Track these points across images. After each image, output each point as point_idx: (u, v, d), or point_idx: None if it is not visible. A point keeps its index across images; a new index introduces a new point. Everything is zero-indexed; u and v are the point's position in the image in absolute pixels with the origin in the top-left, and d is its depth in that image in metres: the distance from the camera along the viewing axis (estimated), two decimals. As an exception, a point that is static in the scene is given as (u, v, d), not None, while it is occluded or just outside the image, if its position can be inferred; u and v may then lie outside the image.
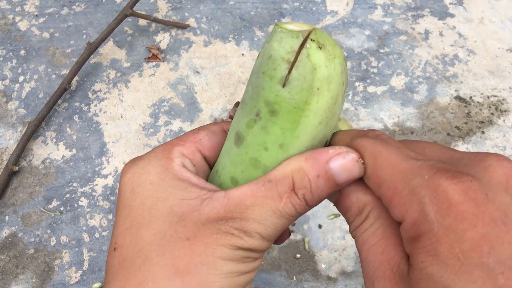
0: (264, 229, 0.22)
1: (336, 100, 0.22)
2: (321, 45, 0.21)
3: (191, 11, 0.69)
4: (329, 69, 0.21)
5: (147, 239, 0.22)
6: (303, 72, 0.21)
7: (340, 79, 0.22)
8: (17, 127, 0.60)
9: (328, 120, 0.22)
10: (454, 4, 0.68)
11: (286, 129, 0.22)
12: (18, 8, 0.71)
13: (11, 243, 0.52)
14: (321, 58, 0.21)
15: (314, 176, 0.22)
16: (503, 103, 0.59)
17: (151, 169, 0.24)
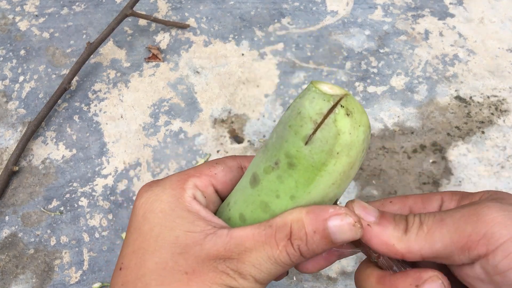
0: (258, 273, 0.23)
1: (353, 165, 0.23)
2: (349, 112, 0.22)
3: (191, 11, 0.69)
4: (352, 136, 0.22)
5: (150, 266, 0.23)
6: (327, 135, 0.22)
7: (361, 147, 0.23)
8: (17, 127, 0.60)
9: (341, 182, 0.23)
10: (454, 4, 0.68)
11: (300, 183, 0.23)
12: (18, 8, 0.71)
13: (11, 243, 0.52)
14: (346, 125, 0.22)
15: (311, 230, 0.22)
16: (503, 103, 0.59)
17: (164, 198, 0.25)
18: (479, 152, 0.55)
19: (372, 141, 0.56)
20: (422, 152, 0.55)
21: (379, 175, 0.54)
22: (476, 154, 0.55)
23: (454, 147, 0.56)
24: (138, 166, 0.56)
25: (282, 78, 0.62)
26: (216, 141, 0.57)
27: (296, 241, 0.23)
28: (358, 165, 0.24)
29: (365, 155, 0.25)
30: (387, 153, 0.55)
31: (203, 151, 0.57)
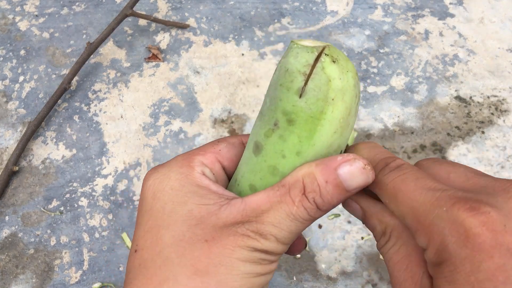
0: (279, 232, 0.23)
1: (350, 111, 0.24)
2: (334, 59, 0.22)
3: (191, 11, 0.69)
4: (342, 81, 0.23)
5: (167, 240, 0.23)
6: (319, 83, 0.22)
7: (353, 91, 0.23)
8: (17, 127, 0.60)
9: (342, 130, 0.24)
10: (454, 4, 0.68)
11: (303, 137, 0.23)
12: (18, 8, 0.71)
13: (11, 243, 0.52)
14: (335, 71, 0.22)
15: (323, 181, 0.23)
16: (503, 103, 0.59)
17: (172, 176, 0.25)
18: (479, 152, 0.55)
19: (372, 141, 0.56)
20: (422, 152, 0.55)
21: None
22: (476, 154, 0.55)
23: (454, 147, 0.56)
24: (138, 166, 0.56)
25: (282, 78, 0.62)
26: (216, 141, 0.57)
27: (311, 194, 0.23)
28: (355, 112, 0.24)
29: (359, 102, 0.25)
30: (387, 153, 0.55)
31: (203, 151, 0.57)
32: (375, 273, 0.48)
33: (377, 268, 0.49)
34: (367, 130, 0.57)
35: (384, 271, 0.48)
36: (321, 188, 0.23)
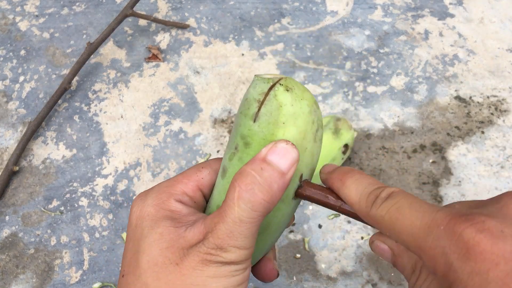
0: (235, 240, 0.23)
1: (305, 136, 0.25)
2: (288, 88, 0.25)
3: (191, 11, 0.70)
4: (294, 107, 0.24)
5: (144, 265, 0.24)
6: (270, 109, 0.24)
7: (308, 118, 0.25)
8: (17, 127, 0.60)
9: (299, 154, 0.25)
10: (454, 4, 0.68)
11: None
12: (18, 8, 0.72)
13: (11, 243, 0.52)
14: (287, 98, 0.24)
15: (258, 169, 0.23)
16: (503, 103, 0.59)
17: (150, 202, 0.27)
18: (479, 152, 0.55)
19: (372, 141, 0.56)
20: (422, 152, 0.55)
21: (379, 175, 0.54)
22: (475, 154, 0.55)
23: (454, 147, 0.56)
24: (138, 166, 0.56)
25: (282, 78, 0.62)
26: (216, 141, 0.57)
27: (249, 186, 0.23)
28: (313, 138, 0.26)
29: (320, 132, 0.27)
30: (387, 153, 0.55)
31: (203, 151, 0.57)
32: (375, 272, 0.48)
33: (377, 268, 0.49)
34: (367, 130, 0.57)
35: (384, 271, 0.48)
36: (258, 177, 0.23)
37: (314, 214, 0.52)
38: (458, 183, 0.53)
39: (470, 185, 0.53)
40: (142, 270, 0.25)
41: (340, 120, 0.52)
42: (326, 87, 0.61)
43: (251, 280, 0.48)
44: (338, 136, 0.50)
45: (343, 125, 0.51)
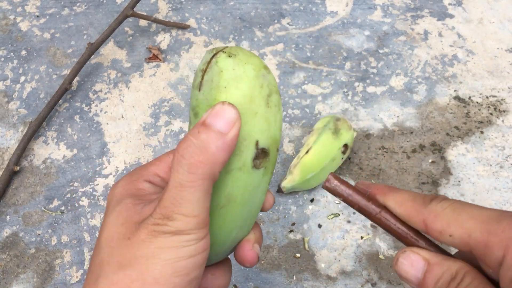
0: (179, 207, 0.23)
1: (252, 99, 0.25)
2: (231, 54, 0.25)
3: (191, 11, 0.70)
4: (236, 71, 0.24)
5: (102, 242, 0.25)
6: (211, 75, 0.25)
7: (254, 82, 0.25)
8: (18, 127, 0.60)
9: (246, 117, 0.24)
10: (453, 4, 0.69)
11: None
12: (19, 8, 0.72)
13: (12, 243, 0.52)
14: (228, 63, 0.24)
15: (195, 133, 0.24)
16: (502, 103, 0.59)
17: (121, 183, 0.28)
18: (478, 152, 0.55)
19: (371, 141, 0.57)
20: (421, 152, 0.56)
21: (378, 175, 0.54)
22: (475, 154, 0.55)
23: (453, 147, 0.56)
24: (139, 166, 0.56)
25: (282, 79, 0.62)
26: (216, 141, 0.58)
27: (186, 151, 0.23)
28: (263, 103, 0.25)
29: (276, 97, 0.26)
30: (386, 153, 0.56)
31: (203, 151, 0.57)
32: (374, 272, 0.49)
33: (376, 268, 0.49)
34: (367, 130, 0.57)
35: (384, 271, 0.49)
36: (194, 139, 0.23)
37: (314, 214, 0.52)
38: (457, 183, 0.53)
39: (469, 185, 0.53)
40: (100, 246, 0.25)
41: (340, 120, 0.52)
42: (326, 87, 0.61)
43: (252, 279, 0.48)
44: (338, 136, 0.51)
45: (343, 125, 0.52)
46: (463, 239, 0.22)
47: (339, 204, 0.52)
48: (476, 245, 0.22)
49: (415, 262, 0.24)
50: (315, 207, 0.52)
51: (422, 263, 0.24)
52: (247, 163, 0.25)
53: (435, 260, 0.24)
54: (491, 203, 0.51)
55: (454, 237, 0.22)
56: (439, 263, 0.23)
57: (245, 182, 0.26)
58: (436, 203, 0.23)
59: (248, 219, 0.28)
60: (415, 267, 0.24)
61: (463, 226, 0.22)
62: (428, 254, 0.24)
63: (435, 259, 0.24)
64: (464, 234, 0.22)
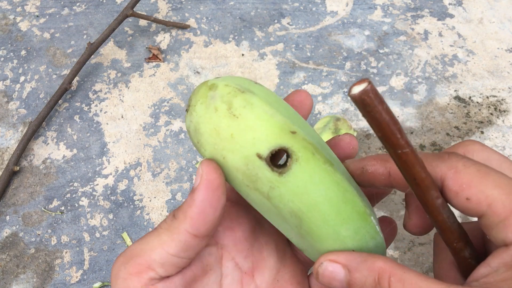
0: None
1: (217, 130, 0.23)
2: (187, 109, 0.25)
3: (191, 11, 0.70)
4: (193, 122, 0.24)
5: None
6: (197, 108, 0.24)
7: (207, 114, 0.23)
8: (18, 127, 0.60)
9: (225, 147, 0.23)
10: (453, 4, 0.68)
11: None
12: (19, 8, 0.72)
13: (12, 243, 0.52)
14: (187, 121, 0.24)
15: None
16: (502, 103, 0.59)
17: None
18: (478, 152, 0.55)
19: (371, 141, 0.56)
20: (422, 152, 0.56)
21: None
22: (475, 154, 0.55)
23: (453, 147, 0.56)
24: (139, 166, 0.56)
25: (282, 78, 0.62)
26: (216, 141, 0.58)
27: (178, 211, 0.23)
28: (229, 121, 0.23)
29: (239, 101, 0.23)
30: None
31: (203, 151, 0.57)
32: (374, 272, 0.48)
33: (376, 268, 0.49)
34: (367, 130, 0.57)
35: (384, 271, 0.49)
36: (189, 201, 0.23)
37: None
38: (457, 183, 0.53)
39: (469, 185, 0.53)
40: None
41: (340, 120, 0.52)
42: (326, 87, 0.61)
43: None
44: (338, 136, 0.51)
45: (343, 125, 0.51)
46: (480, 207, 0.20)
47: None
48: (492, 217, 0.19)
49: (335, 273, 0.22)
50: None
51: (343, 272, 0.21)
52: (270, 177, 0.22)
53: (353, 265, 0.21)
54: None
55: (471, 202, 0.20)
56: (358, 268, 0.21)
57: (289, 190, 0.22)
58: (458, 159, 0.20)
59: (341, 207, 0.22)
60: (337, 278, 0.22)
61: (485, 193, 0.19)
62: (345, 259, 0.21)
63: (353, 263, 0.21)
64: (483, 202, 0.19)
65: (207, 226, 0.22)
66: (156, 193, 0.54)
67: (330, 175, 0.22)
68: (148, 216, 0.53)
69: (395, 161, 0.20)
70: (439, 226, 0.21)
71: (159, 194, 0.54)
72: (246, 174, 0.22)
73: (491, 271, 0.19)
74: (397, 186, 0.23)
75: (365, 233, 0.23)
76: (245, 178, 0.22)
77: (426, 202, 0.20)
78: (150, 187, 0.55)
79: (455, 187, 0.20)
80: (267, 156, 0.22)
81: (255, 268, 0.26)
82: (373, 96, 0.18)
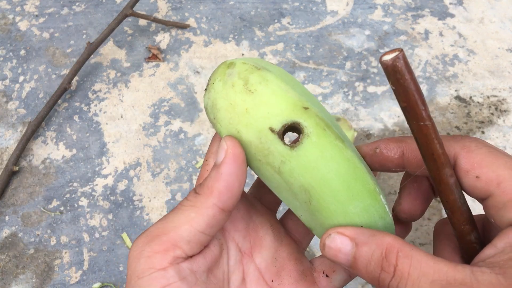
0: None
1: (232, 105, 0.25)
2: (206, 88, 0.27)
3: (191, 11, 0.69)
4: (211, 98, 0.26)
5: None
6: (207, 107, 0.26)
7: (224, 89, 0.25)
8: (17, 127, 0.60)
9: (241, 121, 0.24)
10: (454, 4, 0.68)
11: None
12: (18, 8, 0.71)
13: (11, 243, 0.52)
14: (206, 99, 0.26)
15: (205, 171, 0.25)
16: (503, 103, 0.59)
17: None
18: (479, 152, 0.55)
19: (372, 141, 0.56)
20: (422, 152, 0.55)
21: (379, 175, 0.54)
22: (476, 154, 0.55)
23: (454, 147, 0.56)
24: (138, 166, 0.56)
25: (282, 78, 0.62)
26: (216, 141, 0.57)
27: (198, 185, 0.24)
28: (244, 97, 0.24)
29: (255, 77, 0.24)
30: (387, 153, 0.55)
31: (203, 151, 0.57)
32: (375, 273, 0.48)
33: (377, 268, 0.49)
34: (367, 130, 0.57)
35: (384, 271, 0.48)
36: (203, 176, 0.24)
37: (314, 214, 0.52)
38: (458, 183, 0.53)
39: (470, 185, 0.53)
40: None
41: (340, 120, 0.52)
42: (326, 87, 0.61)
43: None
44: (338, 136, 0.50)
45: (343, 125, 0.51)
46: (489, 186, 0.20)
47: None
48: (500, 197, 0.20)
49: (342, 245, 0.22)
50: (316, 207, 0.52)
51: (350, 244, 0.22)
52: (282, 151, 0.22)
53: (362, 239, 0.21)
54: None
55: (480, 181, 0.20)
56: (366, 242, 0.21)
57: (300, 165, 0.22)
58: (471, 140, 0.22)
59: (351, 183, 0.23)
60: (343, 251, 0.22)
61: (495, 172, 0.20)
62: (354, 232, 0.22)
63: (361, 237, 0.21)
64: (493, 181, 0.20)
65: (234, 200, 0.23)
66: (155, 193, 0.54)
67: (341, 151, 0.22)
68: (148, 216, 0.53)
69: (414, 134, 0.20)
70: (450, 206, 0.21)
71: (158, 194, 0.54)
72: (259, 148, 0.23)
73: (497, 251, 0.19)
74: (409, 167, 0.23)
75: (374, 212, 0.23)
76: (258, 152, 0.23)
77: (440, 180, 0.21)
78: (150, 187, 0.55)
79: (466, 166, 0.21)
80: (279, 130, 0.22)
81: (253, 248, 0.27)
82: (404, 64, 0.18)
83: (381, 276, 0.20)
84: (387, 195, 0.53)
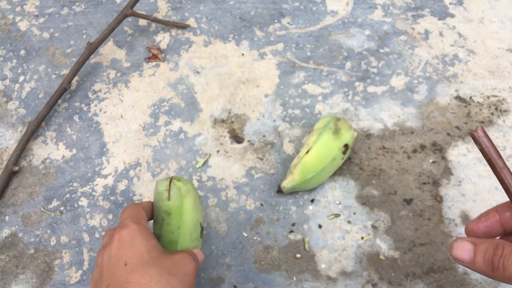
0: None
1: (195, 200, 0.44)
2: (178, 180, 0.44)
3: (191, 11, 0.70)
4: (186, 187, 0.44)
5: None
6: (176, 191, 0.43)
7: (193, 191, 0.44)
8: (17, 127, 0.60)
9: (197, 210, 0.44)
10: (454, 4, 0.68)
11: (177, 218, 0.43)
12: (18, 8, 0.71)
13: (11, 243, 0.52)
14: (180, 184, 0.43)
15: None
16: (503, 103, 0.59)
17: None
18: (479, 152, 0.55)
19: (372, 141, 0.56)
20: (422, 152, 0.55)
21: (379, 175, 0.54)
22: (476, 154, 0.55)
23: (454, 147, 0.56)
24: (138, 166, 0.56)
25: (282, 78, 0.62)
26: (216, 141, 0.57)
27: None
28: (199, 201, 0.45)
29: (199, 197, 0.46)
30: (387, 153, 0.55)
31: (203, 151, 0.57)
32: (375, 273, 0.48)
33: (377, 268, 0.49)
34: (367, 130, 0.57)
35: (384, 271, 0.48)
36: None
37: (314, 214, 0.52)
38: (458, 183, 0.53)
39: (470, 185, 0.53)
40: None
41: (340, 120, 0.52)
42: (326, 87, 0.61)
43: (252, 279, 0.48)
44: (338, 136, 0.50)
45: (343, 125, 0.51)
46: None
47: (339, 204, 0.52)
48: None
49: (466, 246, 0.33)
50: (316, 207, 0.52)
51: (471, 246, 0.33)
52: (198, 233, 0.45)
53: (480, 241, 0.33)
54: (492, 204, 0.51)
55: None
56: (483, 242, 0.32)
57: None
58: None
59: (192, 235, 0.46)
60: (466, 250, 0.33)
61: None
62: (474, 239, 0.33)
63: (479, 240, 0.33)
64: None
65: None
66: (155, 193, 0.54)
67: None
68: (148, 216, 0.53)
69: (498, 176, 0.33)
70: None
71: (158, 194, 0.54)
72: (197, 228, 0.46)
73: None
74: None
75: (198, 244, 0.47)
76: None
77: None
78: (150, 188, 0.55)
79: None
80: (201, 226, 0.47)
81: None
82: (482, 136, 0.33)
83: (494, 259, 0.31)
84: (387, 195, 0.53)
